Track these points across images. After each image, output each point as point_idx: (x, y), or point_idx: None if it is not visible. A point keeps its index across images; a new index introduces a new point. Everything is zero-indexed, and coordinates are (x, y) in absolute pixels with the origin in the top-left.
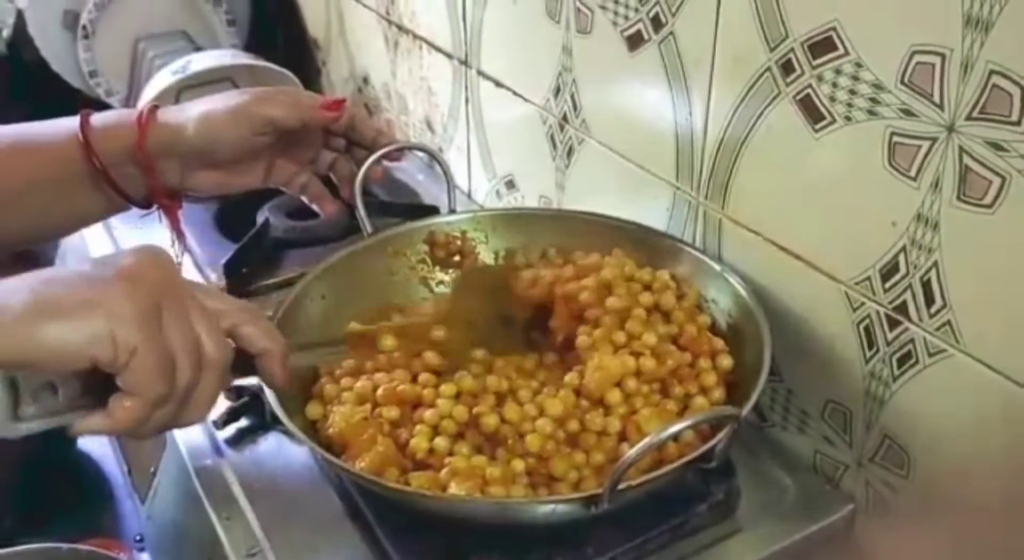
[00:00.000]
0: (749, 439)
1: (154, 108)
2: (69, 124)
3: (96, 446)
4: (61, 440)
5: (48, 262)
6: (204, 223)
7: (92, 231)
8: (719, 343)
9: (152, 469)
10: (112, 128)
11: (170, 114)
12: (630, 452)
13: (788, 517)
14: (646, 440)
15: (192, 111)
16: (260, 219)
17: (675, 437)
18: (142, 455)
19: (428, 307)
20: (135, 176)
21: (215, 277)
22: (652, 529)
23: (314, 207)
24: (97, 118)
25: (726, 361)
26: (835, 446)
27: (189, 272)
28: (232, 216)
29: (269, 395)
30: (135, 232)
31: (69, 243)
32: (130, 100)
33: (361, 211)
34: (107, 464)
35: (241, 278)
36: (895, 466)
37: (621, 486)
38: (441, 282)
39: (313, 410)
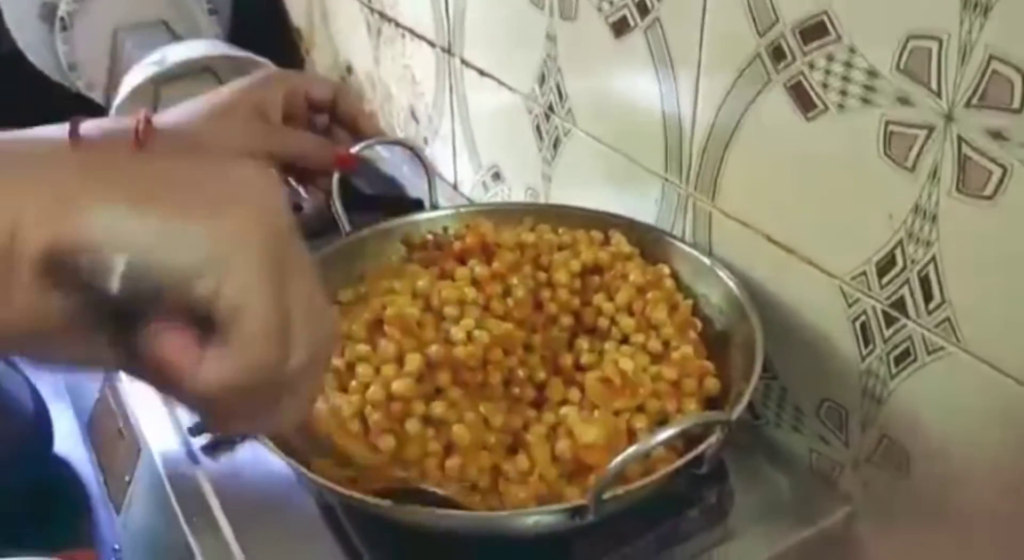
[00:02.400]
0: (742, 438)
1: (149, 118)
2: (56, 134)
3: (74, 451)
4: (37, 443)
5: None
6: None
7: None
8: (708, 366)
9: (127, 477)
10: (107, 138)
11: (169, 119)
12: (615, 461)
13: (783, 520)
14: (633, 447)
15: (194, 110)
16: None
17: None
18: (116, 462)
19: None
20: None
21: None
22: (639, 536)
23: (300, 190)
24: (89, 127)
25: (713, 385)
26: (831, 445)
27: None
28: None
29: None
30: None
31: None
32: (110, 92)
33: (338, 206)
34: (85, 470)
35: None
36: (894, 466)
37: (606, 496)
38: None
39: None
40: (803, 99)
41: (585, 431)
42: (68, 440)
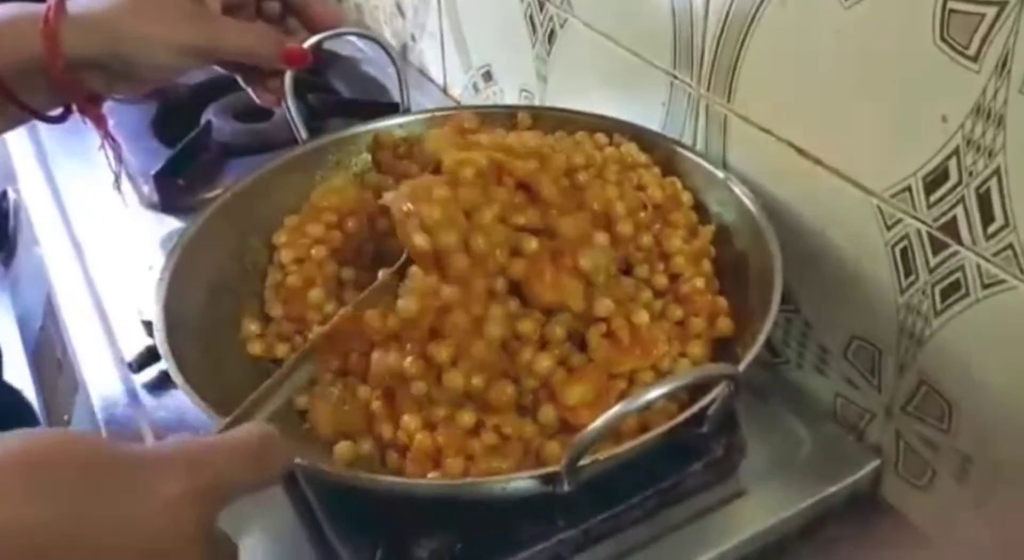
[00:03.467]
0: (757, 379)
1: (61, 3)
2: None
3: (22, 380)
4: None
5: None
6: (139, 125)
7: (13, 139)
8: (721, 304)
9: (66, 416)
10: (12, 24)
11: (85, 4)
12: (592, 425)
13: (802, 476)
14: (614, 409)
15: (115, 10)
16: (203, 122)
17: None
18: (57, 399)
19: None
20: (41, 85)
21: (147, 190)
22: (635, 494)
23: (252, 93)
24: None
25: (726, 326)
26: (860, 390)
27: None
28: (172, 118)
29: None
30: (64, 139)
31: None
32: None
33: (292, 111)
34: (30, 394)
35: (176, 191)
36: (933, 417)
37: (584, 462)
38: None
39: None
40: None
41: (569, 392)
42: (18, 368)
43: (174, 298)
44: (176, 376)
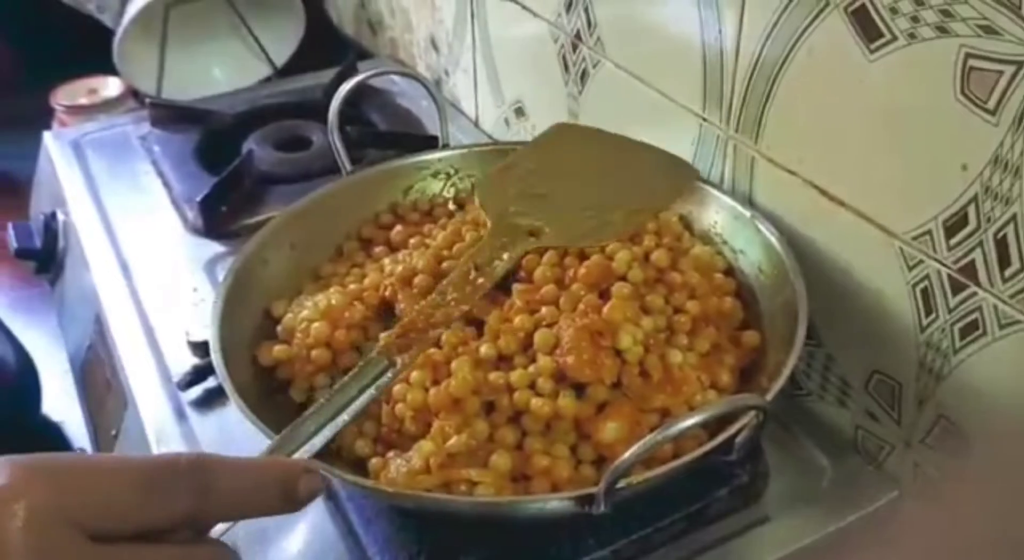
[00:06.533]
0: (780, 410)
1: None
2: None
3: (64, 412)
4: (25, 405)
5: None
6: (183, 154)
7: (62, 162)
8: (754, 339)
9: (113, 432)
10: None
11: None
12: (630, 450)
13: (823, 503)
14: (652, 435)
15: None
16: (245, 151)
17: None
18: (104, 417)
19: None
20: None
21: (192, 215)
22: (664, 517)
23: None
24: None
25: (752, 338)
26: (880, 423)
27: (165, 210)
28: (214, 146)
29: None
30: (111, 165)
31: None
32: (123, 16)
33: (338, 144)
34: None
35: (219, 217)
36: (950, 449)
37: (620, 485)
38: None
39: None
40: (866, 26)
41: (605, 429)
42: (61, 400)
43: (227, 321)
44: (234, 397)
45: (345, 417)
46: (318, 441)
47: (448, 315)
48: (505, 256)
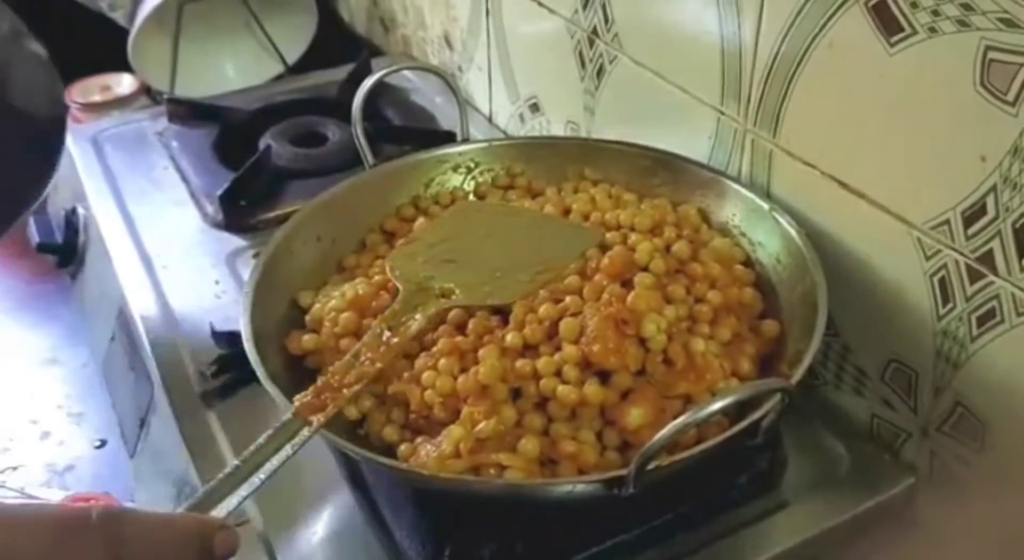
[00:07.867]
0: (797, 399)
1: None
2: None
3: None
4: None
5: None
6: (201, 149)
7: (80, 157)
8: (773, 329)
9: (139, 422)
10: None
11: None
12: (660, 434)
13: (840, 490)
14: (680, 419)
15: None
16: (262, 146)
17: None
18: (129, 408)
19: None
20: None
21: (211, 210)
22: (684, 503)
23: None
24: None
25: (771, 327)
26: (896, 411)
27: (184, 205)
28: (231, 142)
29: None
30: (129, 160)
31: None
32: (135, 15)
33: (361, 139)
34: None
35: (239, 211)
36: (967, 437)
37: (649, 467)
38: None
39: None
40: (886, 21)
41: (629, 415)
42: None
43: (257, 311)
44: (268, 384)
45: (261, 476)
46: (234, 501)
47: (362, 374)
48: (418, 316)
